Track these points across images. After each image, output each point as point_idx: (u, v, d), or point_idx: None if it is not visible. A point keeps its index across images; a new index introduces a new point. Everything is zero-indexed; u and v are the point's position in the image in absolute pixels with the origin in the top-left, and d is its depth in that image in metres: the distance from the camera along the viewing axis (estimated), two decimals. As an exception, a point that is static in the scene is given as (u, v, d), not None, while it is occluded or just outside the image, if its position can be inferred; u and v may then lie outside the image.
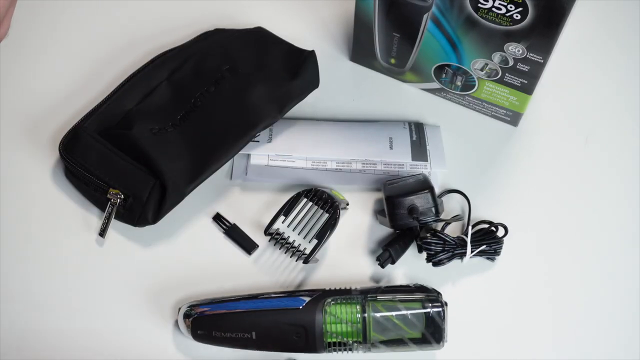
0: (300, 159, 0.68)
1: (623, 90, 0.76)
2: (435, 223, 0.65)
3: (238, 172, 0.68)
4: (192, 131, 0.65)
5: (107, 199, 0.63)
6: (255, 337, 0.58)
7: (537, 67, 0.64)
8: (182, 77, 0.68)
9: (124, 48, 0.74)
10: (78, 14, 0.77)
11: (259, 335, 0.58)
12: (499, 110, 0.72)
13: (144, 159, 0.63)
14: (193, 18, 0.76)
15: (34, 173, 0.68)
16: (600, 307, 0.65)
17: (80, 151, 0.65)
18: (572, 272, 0.66)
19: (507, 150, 0.72)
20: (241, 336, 0.58)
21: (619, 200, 0.69)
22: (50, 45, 0.75)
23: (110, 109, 0.67)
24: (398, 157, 0.68)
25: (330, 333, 0.57)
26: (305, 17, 0.78)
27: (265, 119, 0.66)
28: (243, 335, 0.58)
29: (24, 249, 0.65)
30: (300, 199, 0.65)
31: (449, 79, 0.71)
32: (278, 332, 0.58)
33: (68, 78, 0.73)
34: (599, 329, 0.64)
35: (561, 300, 0.65)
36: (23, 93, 0.72)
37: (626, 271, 0.66)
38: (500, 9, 0.60)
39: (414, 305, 0.58)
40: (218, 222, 0.66)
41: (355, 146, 0.68)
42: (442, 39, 0.66)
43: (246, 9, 0.78)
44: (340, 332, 0.57)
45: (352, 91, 0.75)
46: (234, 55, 0.69)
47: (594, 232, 0.68)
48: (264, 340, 0.58)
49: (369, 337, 0.57)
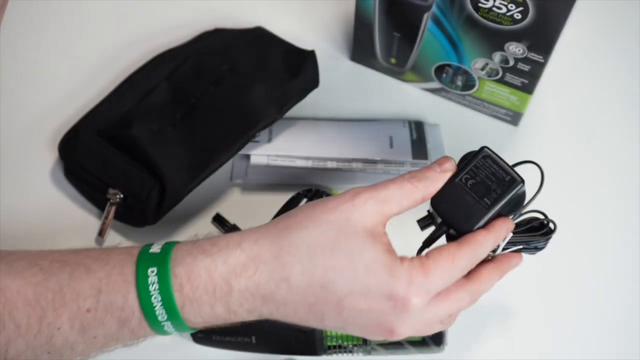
0: (300, 158, 0.68)
1: (624, 89, 0.75)
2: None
3: (238, 172, 0.68)
4: (192, 131, 0.65)
5: (106, 199, 0.63)
6: (255, 341, 0.58)
7: (538, 66, 0.64)
8: (182, 77, 0.68)
9: (124, 48, 0.74)
10: (78, 14, 0.77)
11: (259, 340, 0.58)
12: (499, 110, 0.71)
13: (143, 158, 0.63)
14: (193, 18, 0.76)
15: (33, 173, 0.68)
16: (599, 308, 0.64)
17: (80, 151, 0.65)
18: (572, 272, 0.66)
19: (508, 150, 0.71)
20: (241, 340, 0.58)
21: (621, 200, 0.69)
22: (50, 45, 0.75)
23: (109, 109, 0.67)
24: (398, 156, 0.68)
25: (330, 337, 0.57)
26: (305, 17, 0.78)
27: (265, 119, 0.66)
28: (243, 339, 0.58)
29: (24, 249, 0.65)
30: (300, 199, 0.65)
31: (449, 79, 0.71)
32: (278, 336, 0.58)
33: (67, 78, 0.73)
34: (595, 330, 0.64)
35: (557, 301, 0.65)
36: (22, 93, 0.72)
37: (626, 272, 0.66)
38: (501, 9, 0.60)
39: None
40: (218, 223, 0.66)
41: (355, 145, 0.68)
42: (443, 38, 0.66)
43: (246, 9, 0.77)
44: (340, 336, 0.57)
45: (352, 91, 0.74)
46: (234, 55, 0.69)
47: (595, 233, 0.68)
48: (264, 345, 0.58)
49: (368, 340, 0.57)
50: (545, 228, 0.58)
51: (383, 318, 0.46)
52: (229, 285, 0.46)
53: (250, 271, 0.46)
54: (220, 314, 0.47)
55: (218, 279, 0.46)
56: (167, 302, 0.46)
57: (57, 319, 0.45)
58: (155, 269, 0.46)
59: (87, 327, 0.46)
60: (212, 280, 0.46)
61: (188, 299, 0.46)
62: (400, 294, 0.45)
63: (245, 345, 0.58)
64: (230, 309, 0.46)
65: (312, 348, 0.58)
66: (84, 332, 0.46)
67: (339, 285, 0.46)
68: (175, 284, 0.46)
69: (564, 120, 0.74)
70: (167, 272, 0.46)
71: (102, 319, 0.46)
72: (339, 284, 0.46)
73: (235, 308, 0.46)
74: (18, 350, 0.45)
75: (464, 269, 0.47)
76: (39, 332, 0.45)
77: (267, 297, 0.46)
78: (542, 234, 0.58)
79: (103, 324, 0.46)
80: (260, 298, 0.46)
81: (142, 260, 0.47)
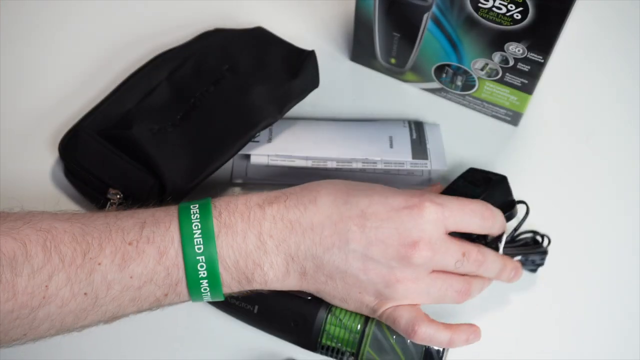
0: (300, 158, 0.68)
1: (624, 89, 0.76)
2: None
3: (238, 172, 0.68)
4: (192, 131, 0.65)
5: (106, 198, 0.63)
6: (256, 311, 0.58)
7: (538, 66, 0.64)
8: (182, 76, 0.68)
9: (124, 48, 0.74)
10: (78, 14, 0.77)
11: (260, 311, 0.58)
12: (499, 110, 0.72)
13: (143, 158, 0.63)
14: (193, 18, 0.76)
15: (33, 173, 0.68)
16: (599, 308, 0.64)
17: (80, 151, 0.65)
18: (571, 272, 0.66)
19: (508, 150, 0.72)
20: (244, 306, 0.58)
21: (622, 200, 0.69)
22: (50, 45, 0.75)
23: (109, 108, 0.67)
24: (398, 156, 0.68)
25: (328, 334, 0.57)
26: (305, 17, 0.78)
27: (265, 119, 0.66)
28: (246, 305, 0.58)
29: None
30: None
31: (449, 79, 0.71)
32: (279, 314, 0.58)
33: (68, 78, 0.73)
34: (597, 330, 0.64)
35: (557, 301, 0.65)
36: (22, 93, 0.72)
37: (626, 271, 0.66)
38: (501, 9, 0.60)
39: None
40: (218, 222, 0.66)
41: (355, 145, 0.68)
42: (443, 38, 0.66)
43: (246, 9, 0.78)
44: (337, 337, 0.57)
45: (352, 91, 0.74)
46: (234, 55, 0.69)
47: (594, 232, 0.68)
48: (263, 318, 0.58)
49: (362, 351, 0.56)
50: (539, 245, 0.61)
51: (402, 227, 0.51)
52: (262, 210, 0.51)
53: (281, 199, 0.52)
54: (250, 247, 0.50)
55: (253, 206, 0.51)
56: (205, 229, 0.49)
57: (100, 252, 0.48)
58: (197, 205, 0.51)
59: (127, 260, 0.48)
60: (248, 207, 0.51)
61: (224, 225, 0.50)
62: (415, 199, 0.52)
63: (246, 313, 0.58)
64: (261, 239, 0.50)
65: (307, 339, 0.57)
66: (123, 268, 0.48)
67: (361, 199, 0.51)
68: (215, 212, 0.51)
69: (563, 120, 0.74)
70: (208, 204, 0.51)
71: (143, 249, 0.49)
72: (361, 198, 0.52)
73: (266, 238, 0.50)
74: (58, 284, 0.46)
75: (473, 209, 0.53)
76: (80, 266, 0.47)
77: (295, 221, 0.51)
78: (538, 250, 0.61)
79: (142, 256, 0.48)
80: (289, 223, 0.51)
81: (184, 203, 0.52)
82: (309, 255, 0.51)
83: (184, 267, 0.49)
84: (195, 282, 0.50)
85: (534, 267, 0.64)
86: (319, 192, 0.52)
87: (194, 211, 0.50)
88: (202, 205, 0.51)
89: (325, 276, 0.52)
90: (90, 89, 0.71)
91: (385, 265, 0.51)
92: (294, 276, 0.52)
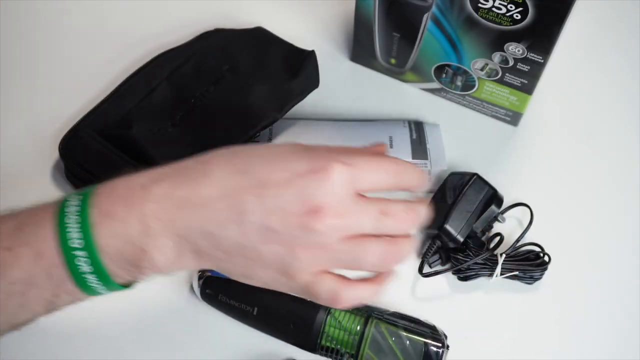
0: (300, 158, 0.68)
1: (624, 89, 0.76)
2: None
3: (238, 172, 0.68)
4: (192, 131, 0.65)
5: (106, 198, 0.63)
6: (256, 312, 0.58)
7: (538, 67, 0.64)
8: (182, 77, 0.68)
9: (124, 48, 0.74)
10: (78, 14, 0.77)
11: (260, 312, 0.58)
12: (499, 110, 0.72)
13: (143, 158, 0.63)
14: (193, 18, 0.76)
15: (33, 173, 0.68)
16: (599, 308, 0.64)
17: (80, 151, 0.65)
18: (571, 272, 0.66)
19: (507, 150, 0.72)
20: (243, 307, 0.58)
21: (621, 199, 0.69)
22: (50, 45, 0.75)
23: (110, 109, 0.67)
24: (398, 156, 0.67)
25: (327, 335, 0.57)
26: (305, 17, 0.78)
27: (265, 119, 0.66)
28: (245, 307, 0.58)
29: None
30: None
31: (449, 79, 0.71)
32: (278, 316, 0.58)
33: (68, 78, 0.73)
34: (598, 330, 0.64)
35: (557, 301, 0.65)
36: (22, 93, 0.72)
37: (626, 271, 0.66)
38: (501, 9, 0.60)
39: (415, 338, 0.57)
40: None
41: (355, 145, 0.68)
42: (442, 38, 0.66)
43: (246, 9, 0.78)
44: (336, 338, 0.57)
45: (352, 91, 0.75)
46: (234, 55, 0.69)
47: (594, 232, 0.68)
48: (263, 319, 0.58)
49: (361, 353, 0.56)
50: (540, 260, 0.61)
51: (304, 192, 0.44)
52: (146, 191, 0.45)
53: (169, 175, 0.46)
54: (133, 233, 0.44)
55: (136, 187, 0.45)
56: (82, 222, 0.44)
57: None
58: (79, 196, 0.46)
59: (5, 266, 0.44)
60: (130, 189, 0.45)
61: (104, 214, 0.44)
62: (321, 161, 0.44)
63: (246, 314, 0.58)
64: (145, 223, 0.44)
65: (306, 340, 0.57)
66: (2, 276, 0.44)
67: (260, 167, 0.45)
68: (95, 201, 0.45)
69: (563, 121, 0.74)
70: (88, 193, 0.45)
71: (20, 253, 0.44)
72: (261, 165, 0.45)
73: (150, 221, 0.44)
74: None
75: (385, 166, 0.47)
76: None
77: (184, 198, 0.44)
78: (538, 265, 0.61)
79: (19, 260, 0.44)
80: (177, 201, 0.44)
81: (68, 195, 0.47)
82: (202, 233, 0.45)
83: (66, 265, 0.45)
84: (80, 278, 0.45)
85: (531, 282, 0.64)
86: (212, 164, 0.46)
87: (73, 204, 0.45)
88: (84, 194, 0.46)
89: (224, 253, 0.46)
90: (90, 89, 0.71)
91: (287, 235, 0.45)
92: (189, 256, 0.46)
